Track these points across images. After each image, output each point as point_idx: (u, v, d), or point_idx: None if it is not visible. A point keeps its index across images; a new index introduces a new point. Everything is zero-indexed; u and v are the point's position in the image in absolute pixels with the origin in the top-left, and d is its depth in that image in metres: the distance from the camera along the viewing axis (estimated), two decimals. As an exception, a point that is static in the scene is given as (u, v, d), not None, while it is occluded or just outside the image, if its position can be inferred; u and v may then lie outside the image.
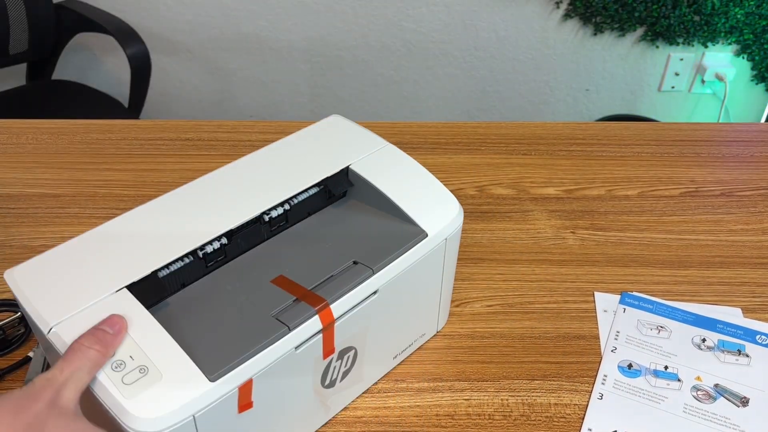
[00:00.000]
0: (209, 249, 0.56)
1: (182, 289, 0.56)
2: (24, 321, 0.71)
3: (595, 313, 0.76)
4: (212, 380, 0.48)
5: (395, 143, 1.01)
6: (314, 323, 0.53)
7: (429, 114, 2.17)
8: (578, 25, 2.00)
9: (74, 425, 0.43)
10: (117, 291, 0.51)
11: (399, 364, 0.69)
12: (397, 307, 0.62)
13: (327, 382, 0.59)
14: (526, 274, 0.80)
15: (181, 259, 0.55)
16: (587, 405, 0.66)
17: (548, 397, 0.67)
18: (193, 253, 0.56)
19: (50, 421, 0.42)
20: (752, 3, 1.95)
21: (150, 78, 1.73)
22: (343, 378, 0.61)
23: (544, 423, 0.65)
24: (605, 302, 0.77)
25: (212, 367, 0.48)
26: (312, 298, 0.54)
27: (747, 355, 0.71)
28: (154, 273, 0.53)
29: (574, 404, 0.66)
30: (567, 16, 1.98)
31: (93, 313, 0.50)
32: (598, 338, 0.73)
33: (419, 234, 0.61)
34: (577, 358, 0.71)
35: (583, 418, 0.65)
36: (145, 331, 0.49)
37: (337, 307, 0.55)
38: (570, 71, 2.10)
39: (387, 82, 2.10)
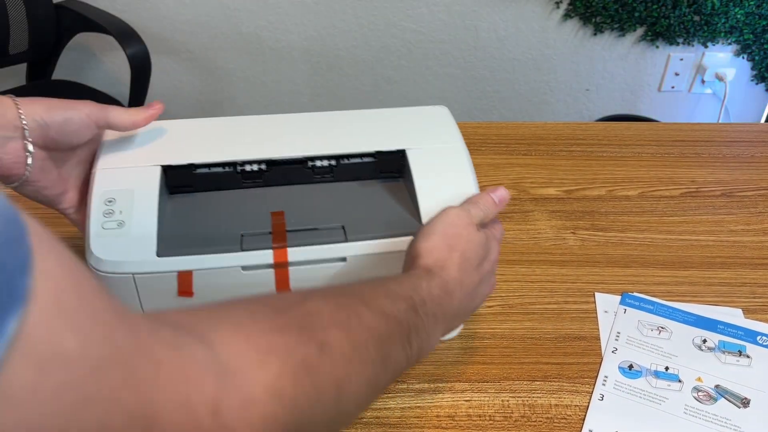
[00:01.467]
0: (247, 168, 0.64)
1: (215, 191, 0.65)
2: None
3: (596, 313, 0.76)
4: (159, 255, 0.57)
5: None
6: (265, 256, 0.59)
7: (429, 114, 2.16)
8: (578, 25, 2.00)
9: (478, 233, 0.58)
10: (153, 165, 0.62)
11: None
12: None
13: None
14: (526, 275, 0.80)
15: (221, 165, 0.64)
16: (588, 406, 0.66)
17: (549, 398, 0.67)
18: (233, 165, 0.64)
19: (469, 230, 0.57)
20: (752, 3, 1.95)
21: (150, 78, 1.73)
22: None
23: (544, 424, 0.65)
24: (606, 303, 0.77)
25: (166, 247, 0.58)
26: (280, 236, 0.60)
27: (748, 356, 0.71)
28: (190, 166, 0.63)
29: (575, 405, 0.66)
30: (567, 16, 1.98)
31: (125, 174, 0.61)
32: (599, 339, 0.73)
33: (413, 229, 0.61)
34: (577, 359, 0.71)
35: (583, 419, 0.65)
36: (145, 200, 0.59)
37: (294, 253, 0.59)
38: (570, 71, 2.10)
39: (387, 82, 2.10)
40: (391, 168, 0.67)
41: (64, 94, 1.75)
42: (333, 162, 0.65)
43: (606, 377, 0.69)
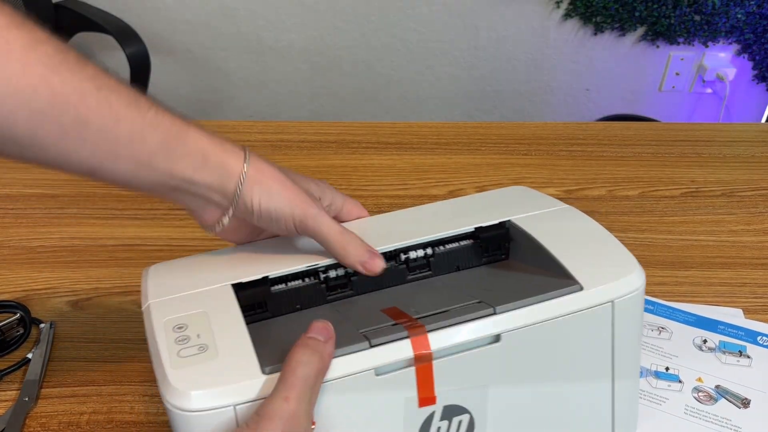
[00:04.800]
0: (332, 274, 0.52)
1: (298, 311, 0.52)
2: (23, 322, 0.71)
3: (596, 313, 0.76)
4: (265, 372, 0.41)
5: (395, 143, 1.02)
6: (403, 348, 0.44)
7: (429, 114, 2.17)
8: (578, 25, 2.00)
9: None
10: (220, 285, 0.50)
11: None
12: (532, 375, 0.49)
13: None
14: (526, 275, 0.80)
15: (301, 277, 0.52)
16: (588, 406, 0.66)
17: (549, 398, 0.67)
18: (314, 274, 0.52)
19: None
20: (753, 3, 1.95)
21: (149, 78, 1.73)
22: None
23: (544, 424, 0.64)
24: (606, 303, 0.77)
25: (271, 360, 0.42)
26: (411, 324, 0.45)
27: (748, 356, 0.71)
28: (264, 281, 0.51)
29: (575, 406, 0.66)
30: (567, 15, 1.98)
31: (188, 299, 0.49)
32: (599, 339, 0.73)
33: (571, 285, 0.48)
34: (577, 359, 0.71)
35: (583, 420, 0.65)
36: (225, 317, 0.46)
37: (437, 338, 0.44)
38: (570, 71, 2.10)
39: (387, 82, 2.10)
40: (495, 247, 0.57)
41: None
42: (429, 251, 0.55)
43: (606, 378, 0.69)
